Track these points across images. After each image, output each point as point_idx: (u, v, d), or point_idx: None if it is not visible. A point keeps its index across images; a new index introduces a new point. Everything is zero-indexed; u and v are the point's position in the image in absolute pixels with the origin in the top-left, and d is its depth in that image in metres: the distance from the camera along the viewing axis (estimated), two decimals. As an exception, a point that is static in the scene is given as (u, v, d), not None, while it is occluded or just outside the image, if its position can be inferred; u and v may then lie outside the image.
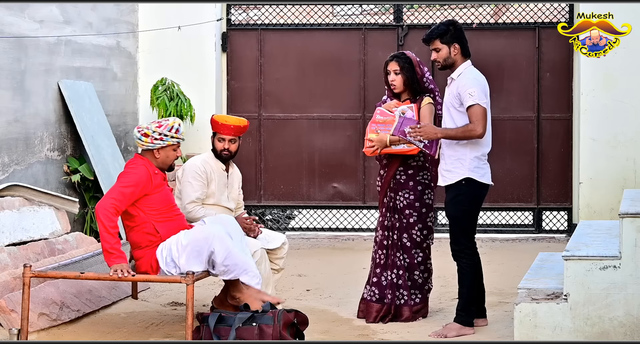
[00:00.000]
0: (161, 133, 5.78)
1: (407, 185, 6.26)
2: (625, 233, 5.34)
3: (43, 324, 5.89)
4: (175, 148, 5.87)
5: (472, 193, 5.91)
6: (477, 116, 5.78)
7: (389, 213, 6.31)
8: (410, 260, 6.27)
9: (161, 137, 5.78)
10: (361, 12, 10.57)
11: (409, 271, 6.27)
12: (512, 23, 9.85)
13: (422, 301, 6.32)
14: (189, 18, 9.62)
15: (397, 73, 6.22)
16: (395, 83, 6.24)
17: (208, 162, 6.44)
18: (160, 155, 5.84)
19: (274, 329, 5.38)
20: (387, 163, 6.31)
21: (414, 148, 6.13)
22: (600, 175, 9.38)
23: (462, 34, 5.95)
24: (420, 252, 6.28)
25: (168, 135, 5.78)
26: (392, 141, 6.10)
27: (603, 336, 5.37)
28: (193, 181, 6.35)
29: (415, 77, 6.23)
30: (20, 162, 7.57)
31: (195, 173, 6.36)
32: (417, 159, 6.27)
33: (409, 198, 6.26)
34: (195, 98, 9.51)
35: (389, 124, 6.13)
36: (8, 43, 7.43)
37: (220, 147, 6.41)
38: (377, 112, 6.23)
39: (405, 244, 6.26)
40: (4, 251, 6.34)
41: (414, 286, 6.29)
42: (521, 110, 9.73)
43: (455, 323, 5.95)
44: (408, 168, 6.27)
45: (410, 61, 6.22)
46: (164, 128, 5.78)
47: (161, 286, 7.19)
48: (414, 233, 6.26)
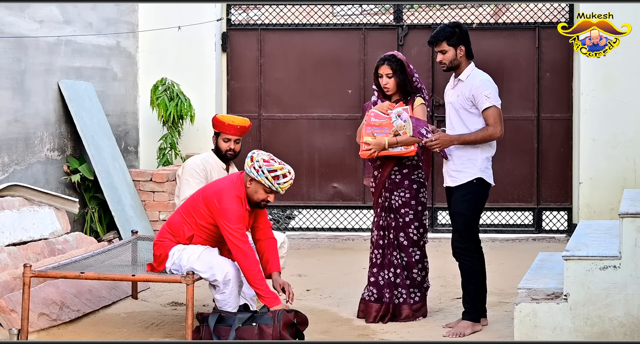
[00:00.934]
0: (261, 167, 5.56)
1: (403, 184, 6.27)
2: (625, 233, 5.34)
3: (43, 324, 5.89)
4: (267, 191, 5.59)
5: (480, 193, 5.99)
6: (495, 118, 5.87)
7: (384, 213, 6.32)
8: (408, 259, 6.28)
9: (259, 170, 5.56)
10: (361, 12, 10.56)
11: (407, 270, 6.28)
12: (512, 23, 9.84)
13: (422, 299, 6.33)
14: (189, 18, 9.62)
15: (390, 76, 6.23)
16: (388, 86, 6.25)
17: (208, 160, 6.46)
18: (251, 187, 5.65)
19: (274, 330, 5.38)
20: (382, 164, 6.31)
21: (411, 150, 6.15)
22: (600, 175, 9.38)
23: (467, 36, 6.00)
24: (417, 250, 6.30)
25: (266, 176, 5.54)
26: (390, 144, 6.10)
27: (603, 336, 5.37)
28: (190, 179, 6.36)
29: (407, 79, 6.25)
30: (20, 162, 7.57)
31: (193, 171, 6.37)
32: (411, 158, 6.28)
33: (404, 196, 6.27)
34: (195, 98, 9.51)
35: (386, 127, 6.11)
36: (8, 43, 7.43)
37: (225, 147, 6.41)
38: (371, 114, 6.20)
39: (402, 243, 6.27)
40: (4, 251, 6.34)
41: (413, 284, 6.30)
42: (521, 110, 9.73)
43: (465, 321, 6.00)
44: (403, 167, 6.28)
45: (401, 63, 6.24)
46: (268, 167, 5.54)
47: (161, 286, 7.19)
48: (410, 231, 6.27)
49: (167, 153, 9.31)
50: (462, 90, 5.95)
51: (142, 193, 8.64)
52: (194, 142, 9.59)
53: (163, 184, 8.59)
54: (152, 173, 8.69)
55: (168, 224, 5.79)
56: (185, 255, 5.67)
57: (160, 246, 5.76)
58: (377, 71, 6.29)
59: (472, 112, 5.93)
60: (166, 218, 8.52)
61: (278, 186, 5.55)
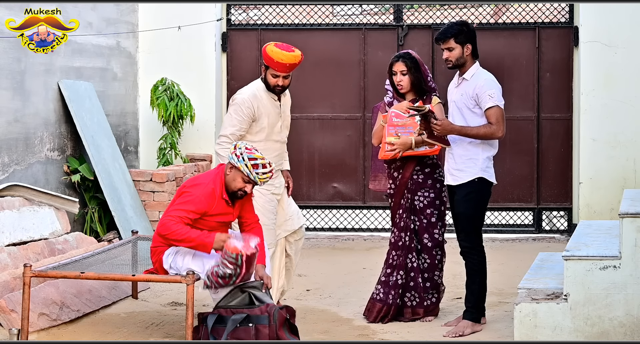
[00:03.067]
0: (242, 154, 5.56)
1: (426, 184, 6.22)
2: (625, 233, 5.34)
3: (43, 324, 5.89)
4: (245, 181, 5.59)
5: (482, 192, 5.99)
6: (497, 117, 5.87)
7: (405, 214, 6.25)
8: (431, 260, 6.24)
9: (239, 156, 5.55)
10: (361, 12, 10.55)
11: (429, 272, 6.24)
12: (512, 23, 9.84)
13: (438, 300, 6.34)
14: (189, 18, 9.62)
15: (405, 73, 6.17)
16: (402, 83, 6.18)
17: (257, 95, 6.23)
18: (230, 174, 5.63)
19: (270, 330, 5.38)
20: (402, 164, 6.23)
21: (435, 148, 6.08)
22: (600, 175, 9.38)
23: (474, 35, 6.00)
24: (439, 251, 6.27)
25: (245, 163, 5.54)
26: (417, 143, 6.05)
27: (603, 336, 5.37)
28: (234, 115, 6.16)
29: (421, 77, 6.19)
30: (20, 162, 7.57)
31: (240, 108, 6.16)
32: (432, 157, 6.24)
33: (429, 196, 6.21)
34: (195, 98, 9.51)
35: (410, 126, 6.05)
36: (8, 43, 7.43)
37: (273, 83, 6.21)
38: (392, 114, 6.09)
39: (426, 245, 6.21)
40: (4, 251, 6.34)
41: (433, 286, 6.28)
42: (521, 110, 9.73)
43: (466, 321, 6.01)
44: (425, 167, 6.23)
45: (416, 61, 6.18)
46: (249, 155, 5.56)
47: (161, 286, 7.19)
48: (435, 232, 6.23)
49: (167, 153, 9.31)
50: (466, 89, 5.96)
51: (142, 193, 8.63)
52: (194, 142, 9.59)
53: (163, 184, 8.59)
54: (152, 173, 8.69)
55: (158, 227, 5.70)
56: (180, 258, 5.66)
57: (154, 252, 5.75)
58: (391, 69, 6.21)
59: (474, 112, 5.93)
60: (166, 218, 8.53)
61: (256, 176, 5.55)
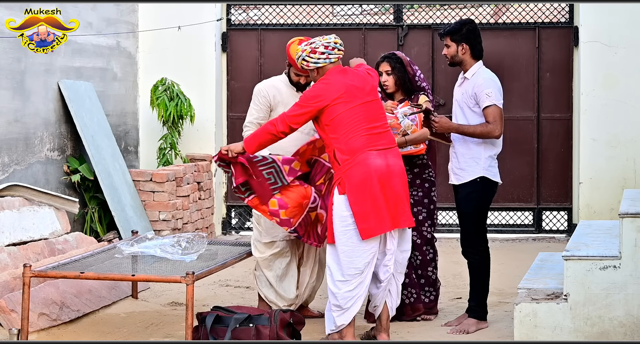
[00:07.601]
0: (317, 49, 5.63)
1: (415, 183, 6.27)
2: (625, 233, 5.34)
3: (43, 324, 5.89)
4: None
5: (485, 191, 6.02)
6: (494, 117, 5.90)
7: None
8: (423, 257, 6.29)
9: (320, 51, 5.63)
10: (361, 12, 10.55)
11: (422, 269, 6.29)
12: (512, 23, 9.84)
13: (436, 297, 6.37)
14: (189, 18, 9.62)
15: (389, 73, 6.25)
16: (387, 83, 6.26)
17: (275, 85, 6.29)
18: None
19: (271, 330, 5.38)
20: None
21: (420, 148, 6.15)
22: (600, 175, 9.38)
23: (473, 35, 6.02)
24: (430, 248, 6.32)
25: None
26: (400, 144, 6.07)
27: (603, 336, 5.37)
28: (252, 105, 6.29)
29: (406, 77, 6.26)
30: (20, 162, 7.58)
31: (256, 97, 6.28)
32: (421, 157, 6.28)
33: (417, 195, 6.27)
34: (195, 98, 9.51)
35: (394, 128, 6.09)
36: (8, 43, 7.43)
37: (295, 80, 6.25)
38: None
39: (416, 242, 6.25)
40: (4, 251, 6.35)
41: (428, 283, 6.32)
42: (521, 110, 9.73)
43: (471, 319, 6.03)
44: (414, 167, 6.27)
45: (401, 61, 6.26)
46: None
47: (161, 286, 7.19)
48: (424, 230, 6.29)
49: (167, 153, 9.31)
50: (467, 87, 6.00)
51: (142, 193, 8.63)
52: (194, 142, 9.59)
53: (163, 184, 8.58)
54: (152, 173, 8.68)
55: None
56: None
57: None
58: (377, 69, 6.28)
59: (474, 111, 5.96)
60: (166, 218, 8.53)
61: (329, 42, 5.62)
